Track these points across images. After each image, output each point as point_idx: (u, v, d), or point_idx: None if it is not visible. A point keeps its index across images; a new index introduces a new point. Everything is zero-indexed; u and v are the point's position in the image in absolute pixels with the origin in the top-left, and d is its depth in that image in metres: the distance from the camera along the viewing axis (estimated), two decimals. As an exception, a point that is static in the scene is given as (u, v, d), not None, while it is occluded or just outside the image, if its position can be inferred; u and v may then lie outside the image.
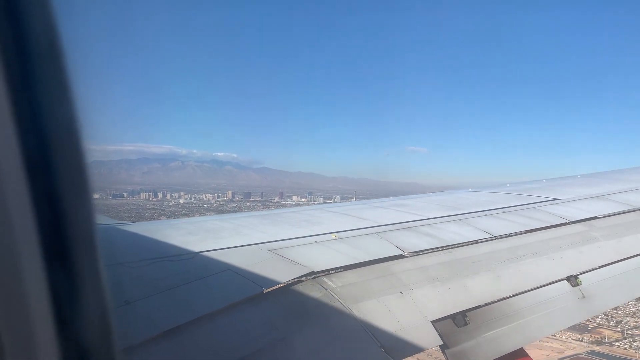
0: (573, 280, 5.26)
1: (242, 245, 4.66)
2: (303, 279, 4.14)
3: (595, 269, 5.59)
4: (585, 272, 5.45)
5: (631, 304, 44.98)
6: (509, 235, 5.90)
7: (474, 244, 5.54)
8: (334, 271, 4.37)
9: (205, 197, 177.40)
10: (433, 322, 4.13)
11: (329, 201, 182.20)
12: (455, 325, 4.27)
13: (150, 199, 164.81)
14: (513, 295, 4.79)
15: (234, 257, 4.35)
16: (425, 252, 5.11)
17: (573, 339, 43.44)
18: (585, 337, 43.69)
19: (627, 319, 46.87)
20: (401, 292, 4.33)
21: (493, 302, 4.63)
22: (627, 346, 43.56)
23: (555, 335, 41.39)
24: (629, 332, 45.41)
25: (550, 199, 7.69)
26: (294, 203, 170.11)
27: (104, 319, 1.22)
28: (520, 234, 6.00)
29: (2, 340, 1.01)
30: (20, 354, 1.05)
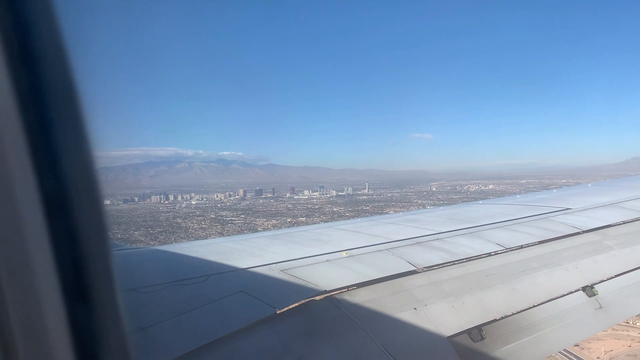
0: (589, 290, 5.19)
1: (254, 267, 4.64)
2: (316, 298, 4.10)
3: (611, 278, 5.50)
4: (601, 282, 5.37)
5: None
6: (522, 247, 5.83)
7: (486, 257, 5.47)
8: (346, 289, 4.33)
9: (217, 196, 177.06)
10: (449, 337, 4.07)
11: (341, 193, 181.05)
12: (472, 340, 4.19)
13: (162, 201, 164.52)
14: (529, 308, 4.72)
15: (246, 278, 4.36)
16: (438, 266, 5.05)
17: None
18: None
19: None
20: (415, 309, 4.27)
21: (509, 316, 4.55)
22: None
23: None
24: None
25: (561, 208, 7.64)
26: (306, 197, 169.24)
27: (123, 349, 1.25)
28: (533, 245, 5.92)
29: None
30: None
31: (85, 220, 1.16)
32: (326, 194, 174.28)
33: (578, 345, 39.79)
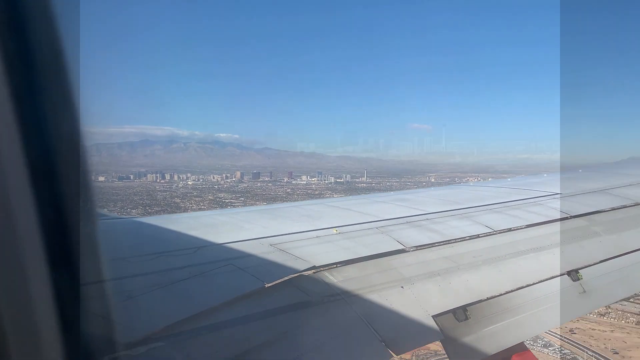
0: (574, 274, 5.21)
1: (243, 240, 4.64)
2: (304, 273, 4.12)
3: (596, 263, 5.53)
4: (586, 267, 5.39)
5: None
6: (510, 230, 5.88)
7: (475, 238, 5.51)
8: (335, 266, 4.35)
9: (214, 178, 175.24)
10: (434, 316, 4.10)
11: (339, 180, 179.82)
12: (456, 320, 4.22)
13: (158, 180, 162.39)
14: (514, 290, 4.74)
15: (235, 251, 4.37)
16: (426, 246, 5.08)
17: None
18: None
19: None
20: (402, 287, 4.30)
21: (494, 297, 4.58)
22: None
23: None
24: None
25: (551, 193, 7.66)
26: (304, 182, 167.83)
27: (106, 315, 1.26)
28: (521, 229, 5.96)
29: (7, 337, 1.04)
30: (26, 348, 1.07)
31: (71, 189, 1.14)
32: (324, 180, 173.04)
33: (618, 353, 39.07)
